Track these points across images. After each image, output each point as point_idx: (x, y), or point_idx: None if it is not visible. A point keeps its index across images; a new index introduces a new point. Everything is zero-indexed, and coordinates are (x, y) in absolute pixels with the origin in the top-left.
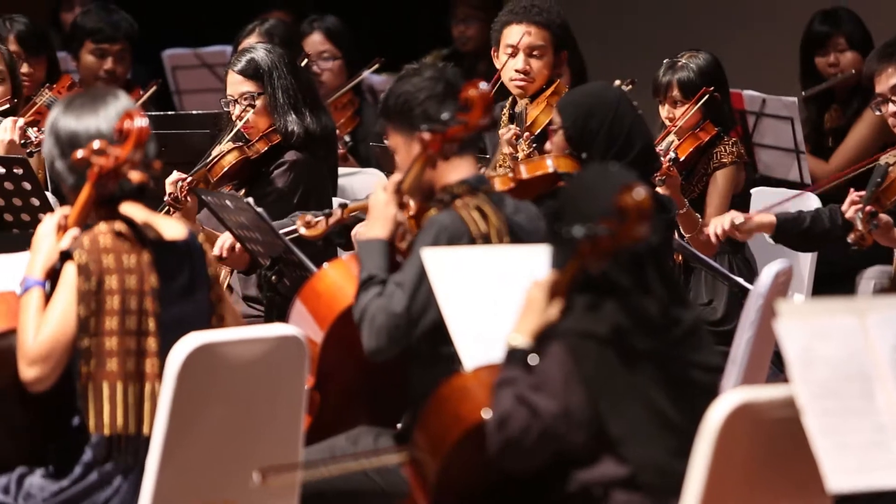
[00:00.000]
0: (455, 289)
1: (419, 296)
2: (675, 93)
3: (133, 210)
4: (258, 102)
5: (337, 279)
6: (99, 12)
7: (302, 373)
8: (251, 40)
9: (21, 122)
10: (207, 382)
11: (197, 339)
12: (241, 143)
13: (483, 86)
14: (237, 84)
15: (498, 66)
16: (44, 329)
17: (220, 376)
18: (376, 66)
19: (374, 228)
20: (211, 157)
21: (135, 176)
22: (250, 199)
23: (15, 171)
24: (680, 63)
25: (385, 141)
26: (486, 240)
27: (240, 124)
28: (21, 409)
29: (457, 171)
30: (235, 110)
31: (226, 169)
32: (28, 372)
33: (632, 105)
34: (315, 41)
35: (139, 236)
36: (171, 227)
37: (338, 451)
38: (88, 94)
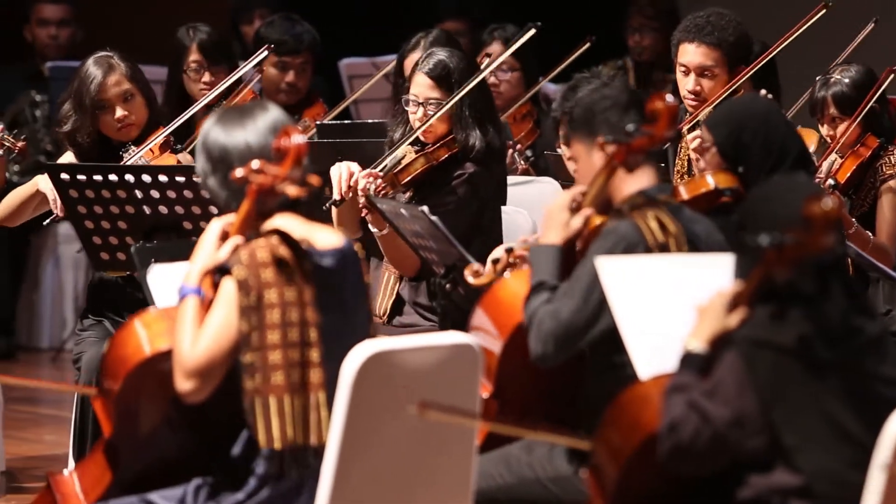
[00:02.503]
0: (630, 298)
1: (589, 303)
2: (832, 110)
3: (290, 222)
4: (440, 109)
5: (517, 288)
6: (282, 24)
7: (476, 381)
8: (416, 55)
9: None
10: (381, 390)
11: (371, 348)
12: (424, 149)
13: (669, 98)
14: (424, 87)
15: (677, 79)
16: (201, 342)
17: (394, 384)
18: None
19: (548, 234)
20: (397, 161)
21: (292, 191)
22: (425, 208)
23: (194, 179)
24: (833, 79)
25: (558, 149)
26: (663, 249)
27: (420, 128)
28: (193, 422)
29: (638, 181)
30: (417, 112)
31: (412, 175)
32: (184, 384)
33: (781, 113)
34: (494, 51)
35: (295, 248)
36: (328, 237)
37: (513, 459)
38: (237, 108)
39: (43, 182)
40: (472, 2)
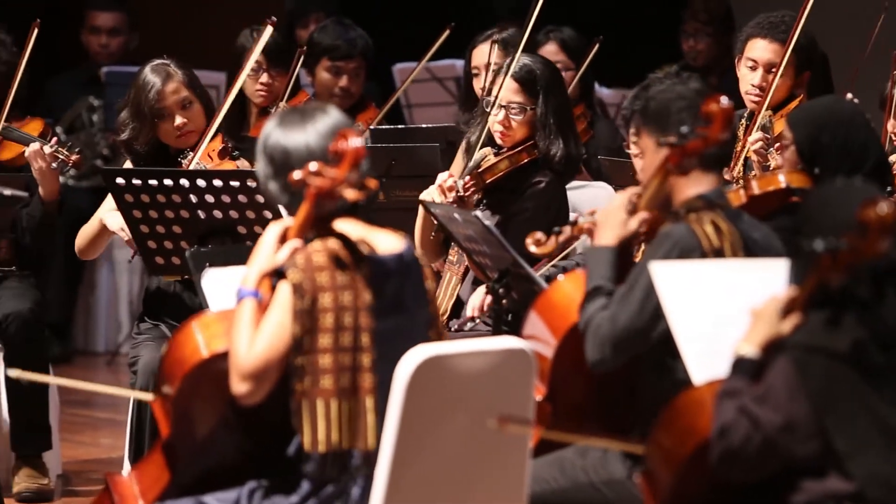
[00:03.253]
0: (684, 302)
1: (646, 309)
2: None
3: (348, 226)
4: (524, 116)
5: (571, 291)
6: (336, 29)
7: (530, 386)
8: (485, 46)
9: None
10: (435, 395)
11: (425, 352)
12: (507, 152)
13: (724, 100)
14: (508, 91)
15: (739, 75)
16: (257, 345)
17: (447, 389)
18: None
19: (603, 236)
20: (477, 162)
21: (350, 195)
22: (478, 212)
23: (249, 183)
24: None
25: (627, 149)
26: (719, 254)
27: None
28: (248, 424)
29: (696, 185)
30: (498, 115)
31: (496, 177)
32: (240, 386)
33: (865, 119)
34: (549, 52)
35: (353, 252)
36: (387, 241)
37: (567, 464)
38: (298, 111)
39: (110, 220)
40: (527, 4)
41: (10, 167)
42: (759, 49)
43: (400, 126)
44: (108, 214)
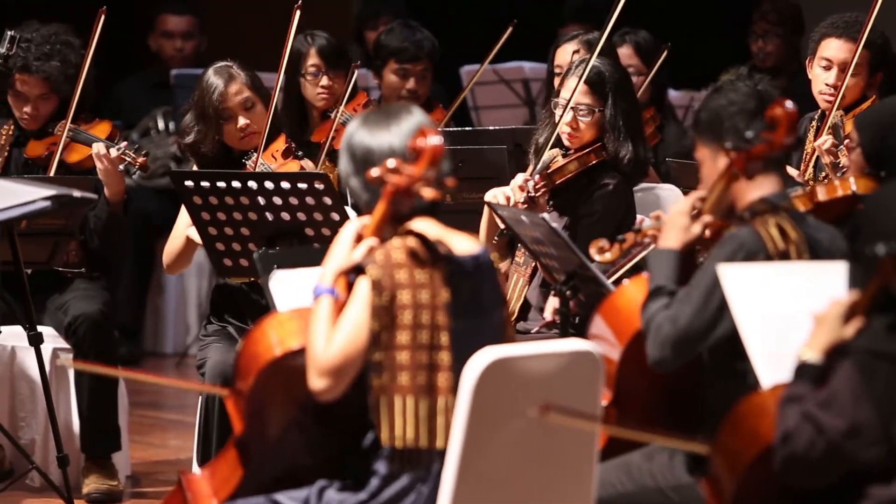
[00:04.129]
0: (752, 305)
1: (708, 309)
2: None
3: (426, 225)
4: (592, 117)
5: (636, 295)
6: (403, 31)
7: (597, 388)
8: (570, 46)
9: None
10: (502, 396)
11: (492, 354)
12: (576, 153)
13: (789, 104)
14: (579, 93)
15: (810, 75)
16: (335, 341)
17: (514, 391)
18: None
19: (667, 239)
20: (546, 163)
21: (428, 193)
22: (545, 215)
23: (316, 185)
24: None
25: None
26: (784, 257)
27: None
28: (319, 423)
29: (760, 188)
30: (566, 116)
31: (566, 178)
32: (318, 382)
33: None
34: (624, 55)
35: (431, 251)
36: (464, 242)
37: (633, 468)
38: (383, 111)
39: (193, 232)
40: (596, 6)
41: (79, 170)
42: (834, 48)
43: (467, 128)
44: (192, 229)
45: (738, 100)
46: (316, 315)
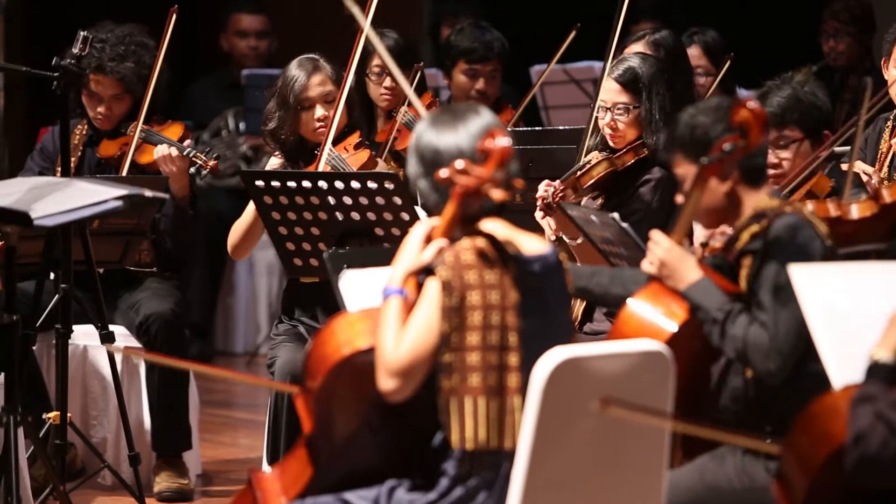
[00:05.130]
0: (823, 305)
1: (794, 311)
2: None
3: (495, 226)
4: (630, 115)
5: (647, 308)
6: (473, 31)
7: (667, 388)
8: (637, 47)
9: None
10: (572, 396)
11: (562, 354)
12: (609, 154)
13: (752, 104)
14: (613, 92)
15: (886, 76)
16: (405, 342)
17: (584, 390)
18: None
19: (686, 276)
20: (581, 165)
21: (497, 194)
22: (615, 215)
23: (386, 185)
24: None
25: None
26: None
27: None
28: (389, 423)
29: (760, 190)
30: (605, 118)
31: (594, 179)
32: (387, 383)
33: None
34: (692, 55)
35: (501, 252)
36: (533, 243)
37: (706, 471)
38: (450, 111)
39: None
40: (669, 5)
41: (150, 170)
42: None
43: (537, 128)
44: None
45: (704, 111)
46: (385, 316)
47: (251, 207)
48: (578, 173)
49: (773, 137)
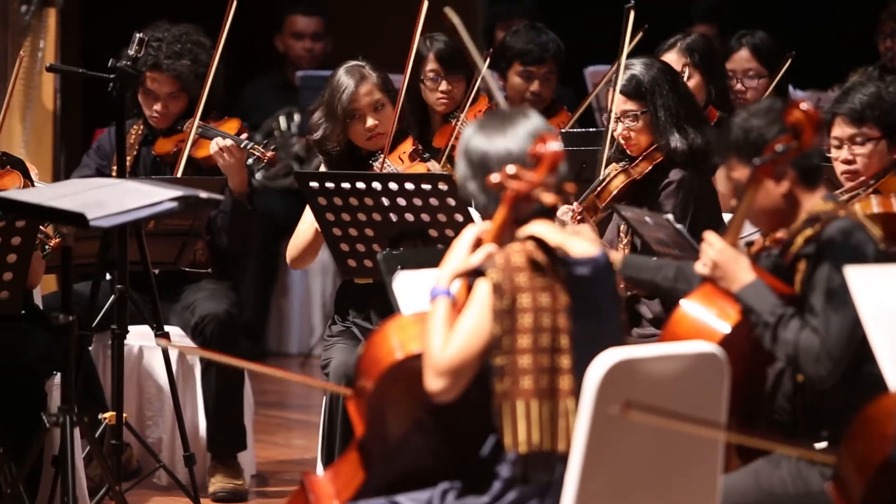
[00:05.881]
0: (879, 306)
1: (848, 313)
2: None
3: (544, 229)
4: (640, 121)
5: (701, 310)
6: (528, 33)
7: (721, 391)
8: (671, 56)
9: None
10: (626, 399)
11: (616, 355)
12: (625, 165)
13: (804, 105)
14: (618, 103)
15: None
16: (453, 343)
17: (638, 393)
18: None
19: (740, 277)
20: (597, 183)
21: (548, 199)
22: (669, 216)
23: (440, 187)
24: None
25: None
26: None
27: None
28: (441, 426)
29: (815, 193)
30: (618, 129)
31: (614, 193)
32: (434, 383)
33: None
34: (742, 57)
35: (551, 255)
36: (583, 245)
37: (762, 475)
38: (499, 115)
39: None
40: (723, 7)
41: (207, 165)
42: None
43: (590, 129)
44: None
45: (757, 114)
46: (433, 316)
47: (310, 219)
48: (597, 190)
49: (850, 134)
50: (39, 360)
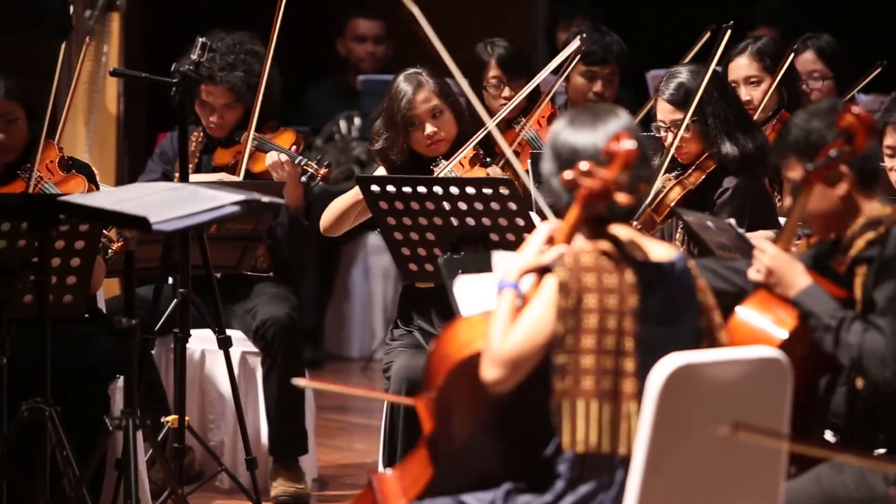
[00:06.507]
0: None
1: None
2: None
3: (620, 230)
4: (690, 130)
5: (755, 316)
6: (592, 34)
7: (784, 395)
8: (741, 60)
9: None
10: (688, 403)
11: (678, 360)
12: (679, 176)
13: (857, 109)
14: (666, 112)
15: None
16: (514, 335)
17: (701, 397)
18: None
19: (797, 282)
20: (652, 198)
21: (622, 198)
22: (732, 220)
23: (501, 191)
24: None
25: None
26: None
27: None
28: (505, 425)
29: (873, 197)
30: (668, 138)
31: (669, 208)
32: (490, 372)
33: None
34: (807, 60)
35: (623, 257)
36: (659, 248)
37: (824, 480)
38: (590, 111)
39: (355, 179)
40: (788, 9)
41: (264, 179)
42: None
43: (650, 134)
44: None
45: (817, 115)
46: (497, 308)
47: (355, 190)
48: (653, 204)
49: None
50: (103, 364)
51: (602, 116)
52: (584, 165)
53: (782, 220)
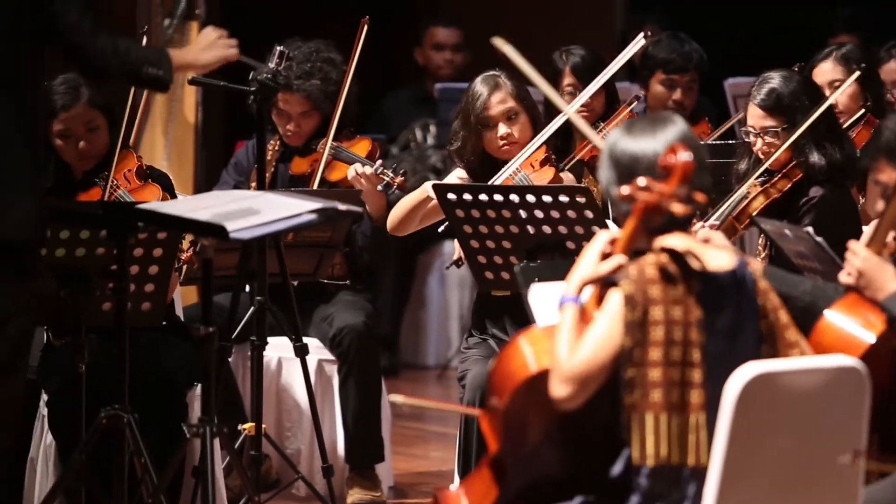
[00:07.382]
0: None
1: None
2: None
3: (679, 241)
4: (781, 137)
5: (846, 322)
6: (671, 42)
7: (863, 405)
8: (826, 66)
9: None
10: (765, 413)
11: (755, 369)
12: (765, 183)
13: None
14: (757, 117)
15: None
16: (581, 350)
17: (778, 407)
18: None
19: (886, 287)
20: (735, 203)
21: (679, 209)
22: (809, 228)
23: (577, 199)
24: None
25: None
26: None
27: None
28: (574, 440)
29: None
30: (757, 143)
31: (751, 216)
32: (559, 389)
33: None
34: (891, 69)
35: (684, 267)
36: (719, 258)
37: None
38: (647, 119)
39: (432, 187)
40: (867, 16)
41: (341, 187)
42: None
43: (730, 141)
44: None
45: None
46: (561, 324)
47: (423, 188)
48: (736, 212)
49: None
50: (180, 371)
51: (659, 124)
52: (641, 181)
53: (866, 227)
